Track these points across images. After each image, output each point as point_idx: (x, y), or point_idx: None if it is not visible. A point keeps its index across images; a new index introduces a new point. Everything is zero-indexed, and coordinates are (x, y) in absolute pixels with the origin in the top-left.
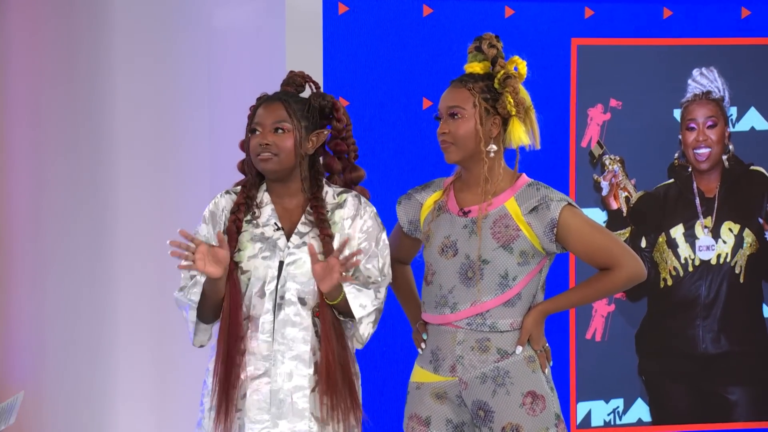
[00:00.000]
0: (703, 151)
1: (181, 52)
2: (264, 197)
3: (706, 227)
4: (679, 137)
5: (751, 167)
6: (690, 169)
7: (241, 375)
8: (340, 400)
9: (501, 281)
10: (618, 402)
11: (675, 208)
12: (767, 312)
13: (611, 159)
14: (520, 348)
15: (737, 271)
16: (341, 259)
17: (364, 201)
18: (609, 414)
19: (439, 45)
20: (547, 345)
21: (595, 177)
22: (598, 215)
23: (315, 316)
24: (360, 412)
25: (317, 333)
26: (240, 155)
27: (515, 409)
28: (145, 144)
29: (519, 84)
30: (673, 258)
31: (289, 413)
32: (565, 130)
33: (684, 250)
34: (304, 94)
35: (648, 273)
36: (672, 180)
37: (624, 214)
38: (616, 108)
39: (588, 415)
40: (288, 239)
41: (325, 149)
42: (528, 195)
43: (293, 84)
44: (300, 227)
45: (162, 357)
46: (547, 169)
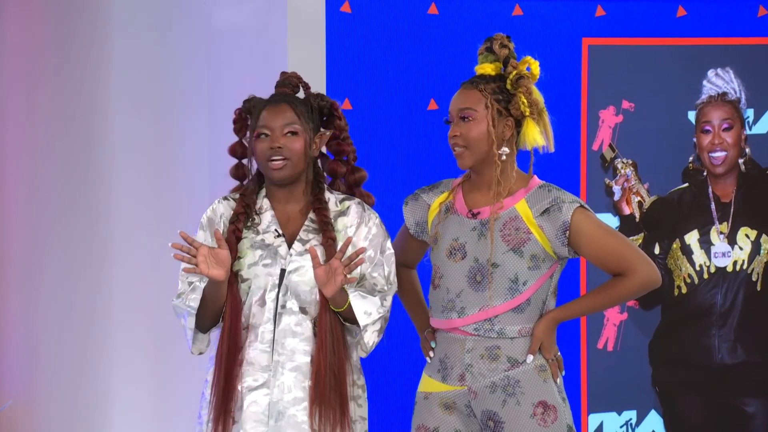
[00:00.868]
0: (719, 155)
1: (180, 52)
2: (264, 203)
3: (721, 233)
4: (694, 140)
5: None
6: (705, 173)
7: (239, 386)
8: (328, 411)
9: (511, 286)
10: (631, 414)
11: (689, 213)
12: None
13: (623, 162)
14: (530, 357)
15: (754, 279)
16: (344, 260)
17: (367, 208)
18: (621, 426)
19: (446, 45)
20: (559, 354)
21: (607, 181)
22: (609, 221)
23: (316, 326)
24: (349, 428)
25: None
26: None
27: (526, 420)
28: (143, 147)
29: (532, 84)
30: (688, 265)
31: (288, 426)
32: (576, 132)
33: (699, 256)
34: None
35: (661, 280)
36: (686, 184)
37: (637, 219)
38: (628, 110)
39: (600, 428)
40: (289, 246)
41: (325, 153)
42: (539, 197)
43: (289, 85)
44: (302, 234)
45: (159, 366)
46: (558, 173)
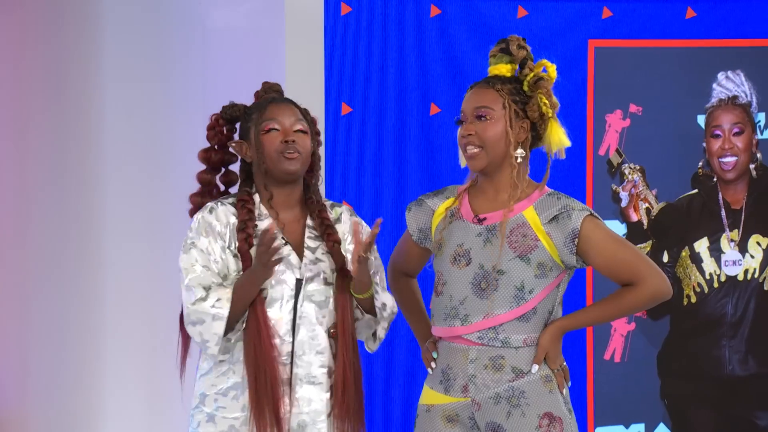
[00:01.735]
0: (729, 160)
1: (174, 54)
2: (261, 210)
3: (732, 241)
4: (704, 145)
5: None
6: (715, 179)
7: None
8: (352, 424)
9: (516, 294)
10: (639, 427)
11: (699, 220)
12: None
13: (631, 168)
14: (536, 366)
15: (766, 288)
16: (365, 241)
17: (356, 215)
18: None
19: (448, 47)
20: (565, 364)
21: (614, 187)
22: (616, 228)
23: (330, 336)
24: None
25: (334, 356)
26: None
27: None
28: (136, 152)
29: (550, 87)
30: (697, 274)
31: None
32: (582, 137)
33: (709, 265)
34: None
35: (672, 292)
36: (696, 190)
37: (644, 226)
38: (636, 114)
39: None
40: (299, 255)
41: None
42: (548, 204)
43: (274, 92)
44: (308, 242)
45: (152, 374)
46: (563, 179)
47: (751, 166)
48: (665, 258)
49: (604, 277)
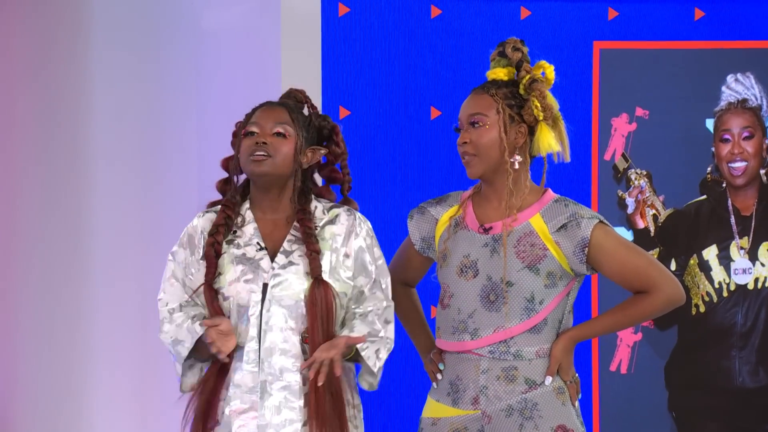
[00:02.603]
0: (739, 165)
1: (167, 56)
2: (247, 215)
3: (742, 248)
4: (712, 150)
5: None
6: (724, 185)
7: (226, 410)
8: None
9: (527, 305)
10: None
11: (708, 227)
12: None
13: (637, 173)
14: (549, 378)
15: None
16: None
17: (359, 217)
18: None
19: (449, 49)
20: (577, 375)
21: (620, 193)
22: (623, 235)
23: (304, 342)
24: None
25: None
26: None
27: None
28: (128, 155)
29: (546, 89)
30: (706, 282)
31: None
32: (587, 141)
33: (718, 273)
34: None
35: (685, 298)
36: (704, 196)
37: (651, 233)
38: (642, 117)
39: None
40: (273, 259)
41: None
42: (556, 211)
43: (294, 99)
44: (285, 245)
45: (143, 382)
46: (568, 184)
47: (762, 171)
48: (673, 266)
49: (609, 284)
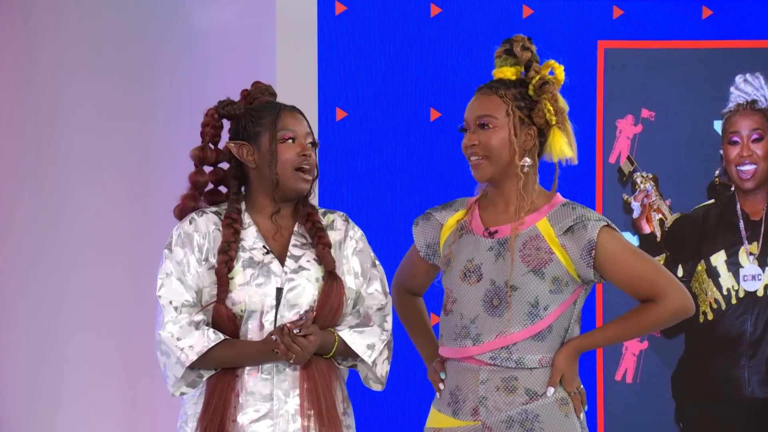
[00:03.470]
0: (748, 168)
1: (158, 56)
2: (245, 217)
3: (751, 254)
4: (720, 152)
5: None
6: (733, 189)
7: (239, 419)
8: None
9: (530, 311)
10: None
11: (716, 232)
12: None
13: (643, 177)
14: (551, 389)
15: None
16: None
17: (350, 221)
18: None
19: (449, 49)
20: (582, 386)
21: (625, 197)
22: (628, 240)
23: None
24: None
25: None
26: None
27: None
28: (117, 159)
29: (557, 90)
30: (714, 289)
31: None
32: (591, 144)
33: (726, 280)
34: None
35: (695, 308)
36: (712, 200)
37: (658, 239)
38: (648, 119)
39: None
40: (282, 264)
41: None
42: (562, 214)
43: (266, 94)
44: (292, 250)
45: (134, 398)
46: (572, 188)
47: None
48: (680, 272)
49: (615, 293)
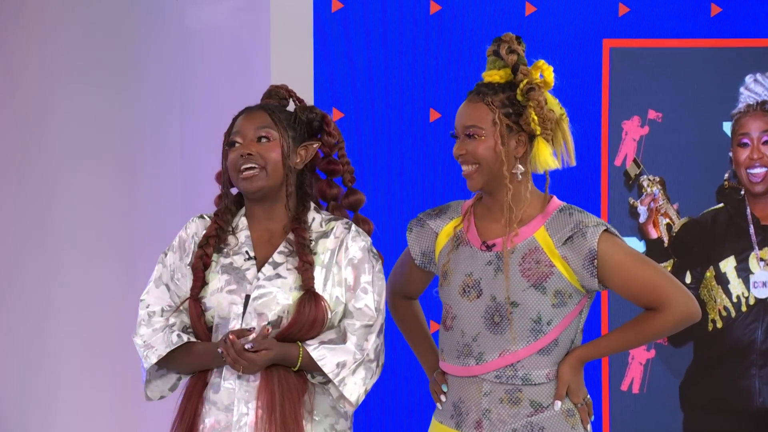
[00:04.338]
0: (758, 171)
1: (148, 56)
2: (241, 222)
3: (762, 260)
4: (730, 155)
5: None
6: (742, 192)
7: (200, 427)
8: None
9: (533, 326)
10: None
11: (725, 237)
12: None
13: (650, 180)
14: (558, 403)
15: None
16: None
17: (355, 230)
18: None
19: (449, 48)
20: (588, 397)
21: (631, 201)
22: (634, 246)
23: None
24: None
25: None
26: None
27: None
28: (107, 160)
29: (545, 94)
30: (724, 296)
31: None
32: (596, 146)
33: (736, 286)
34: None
35: (701, 314)
36: (721, 205)
37: (665, 244)
38: (655, 121)
39: None
40: (259, 269)
41: (316, 172)
42: (561, 223)
43: (276, 97)
44: (276, 256)
45: (123, 399)
46: (576, 192)
47: None
48: (688, 279)
49: (621, 300)
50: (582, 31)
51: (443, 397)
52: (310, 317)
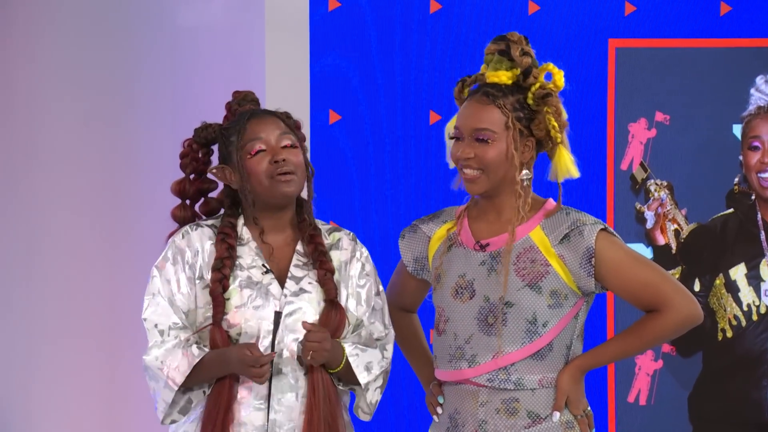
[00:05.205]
0: None
1: (140, 55)
2: (244, 233)
3: None
4: (740, 158)
5: None
6: (753, 197)
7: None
8: None
9: (528, 328)
10: None
11: (735, 244)
12: None
13: (657, 184)
14: (557, 414)
15: None
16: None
17: (358, 241)
18: None
19: (450, 48)
20: (589, 408)
21: (638, 206)
22: (641, 252)
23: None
24: None
25: None
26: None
27: None
28: (98, 163)
29: (560, 102)
30: (734, 305)
31: None
32: (602, 149)
33: (746, 294)
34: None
35: (703, 322)
36: (731, 210)
37: (673, 251)
38: (662, 123)
39: None
40: (282, 285)
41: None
42: (557, 222)
43: (252, 102)
44: (293, 270)
45: (111, 415)
46: (581, 197)
47: None
48: (697, 287)
49: (627, 307)
50: (587, 31)
51: (440, 410)
52: (333, 328)
